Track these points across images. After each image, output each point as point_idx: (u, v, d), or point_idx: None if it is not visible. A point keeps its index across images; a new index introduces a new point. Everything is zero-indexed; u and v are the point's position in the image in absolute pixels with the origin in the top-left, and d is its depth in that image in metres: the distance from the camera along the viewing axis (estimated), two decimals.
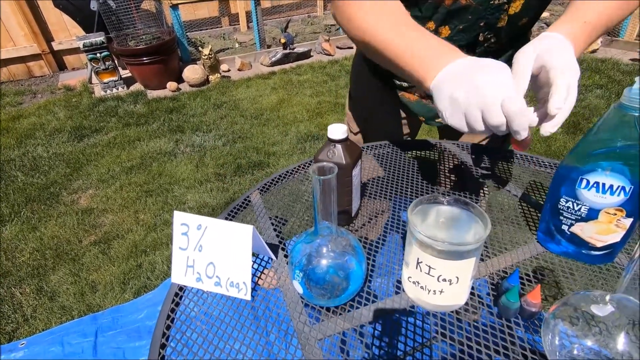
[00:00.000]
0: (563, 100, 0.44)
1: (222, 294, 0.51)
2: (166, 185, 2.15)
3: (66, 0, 3.41)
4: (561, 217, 0.50)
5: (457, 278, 0.43)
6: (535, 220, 0.60)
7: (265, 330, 0.49)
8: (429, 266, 0.43)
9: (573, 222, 0.49)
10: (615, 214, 0.46)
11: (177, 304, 0.51)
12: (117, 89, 3.46)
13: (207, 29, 4.97)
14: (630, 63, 3.28)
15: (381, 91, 0.86)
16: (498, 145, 0.85)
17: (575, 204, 0.48)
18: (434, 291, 0.44)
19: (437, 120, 0.81)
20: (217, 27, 5.07)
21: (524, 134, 0.45)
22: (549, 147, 2.27)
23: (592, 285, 0.50)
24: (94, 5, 3.32)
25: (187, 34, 3.88)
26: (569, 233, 0.51)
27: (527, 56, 0.47)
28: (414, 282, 0.46)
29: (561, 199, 0.50)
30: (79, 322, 1.32)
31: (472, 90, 0.45)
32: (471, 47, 0.70)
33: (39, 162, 2.45)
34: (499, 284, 0.50)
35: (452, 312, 0.47)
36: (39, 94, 3.63)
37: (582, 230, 0.49)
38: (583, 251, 0.51)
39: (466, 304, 0.47)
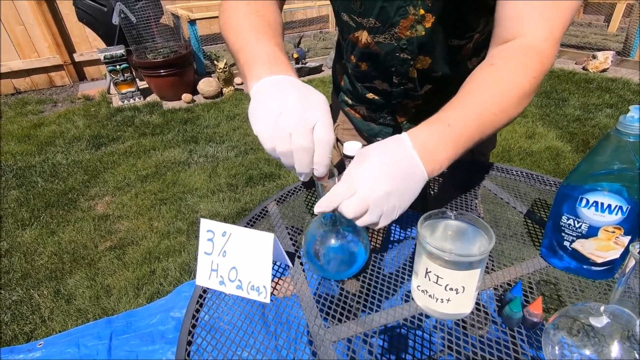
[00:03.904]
0: (324, 204, 0.43)
1: (242, 298, 0.55)
2: (180, 194, 2.21)
3: (89, 14, 3.57)
4: (563, 234, 0.54)
5: (463, 287, 0.46)
6: (539, 236, 0.63)
7: (279, 335, 0.52)
8: (437, 275, 0.46)
9: (574, 238, 0.52)
10: (614, 232, 0.49)
11: (202, 305, 0.55)
12: (134, 100, 3.58)
13: (221, 43, 5.13)
14: None
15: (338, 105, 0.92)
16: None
17: (576, 222, 0.51)
18: (442, 299, 0.48)
19: (377, 139, 0.85)
20: None
21: (301, 171, 0.44)
22: (557, 165, 2.28)
23: (592, 298, 0.53)
24: (115, 20, 3.47)
25: (203, 47, 4.01)
26: (570, 249, 0.53)
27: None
28: (422, 291, 0.49)
29: (563, 217, 0.53)
30: (94, 325, 1.37)
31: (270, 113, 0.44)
32: (389, 85, 0.75)
33: (58, 168, 2.54)
34: (502, 295, 0.53)
35: (459, 324, 0.50)
36: (60, 103, 3.77)
37: (582, 246, 0.52)
38: (584, 267, 0.54)
39: (472, 314, 0.50)
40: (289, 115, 0.43)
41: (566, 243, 0.54)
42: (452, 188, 0.78)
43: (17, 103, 3.72)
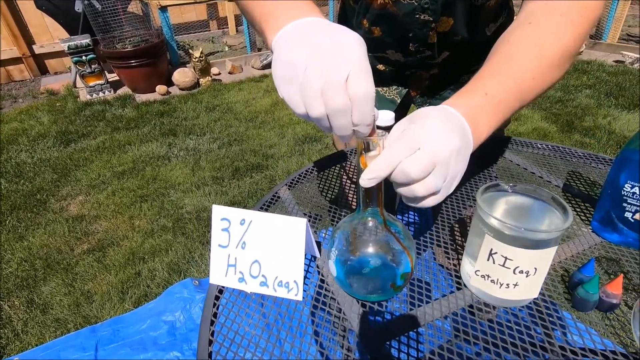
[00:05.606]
0: (382, 165, 0.36)
1: (269, 295, 0.46)
2: (161, 190, 2.07)
3: (49, 2, 3.30)
4: (625, 204, 0.48)
5: (535, 269, 0.39)
6: (583, 209, 0.58)
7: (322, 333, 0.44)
8: (505, 257, 0.39)
9: (639, 209, 0.47)
10: None
11: (218, 308, 0.46)
12: (104, 93, 3.36)
13: (195, 32, 4.90)
14: (615, 65, 3.37)
15: None
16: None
17: None
18: (507, 285, 0.41)
19: None
20: (206, 31, 5.00)
21: (342, 134, 0.35)
22: None
23: None
24: (78, 7, 3.22)
25: (176, 38, 3.80)
26: (633, 221, 0.48)
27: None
28: (482, 276, 0.43)
29: (626, 185, 0.47)
30: (77, 335, 1.24)
31: (317, 56, 0.34)
32: (404, 54, 0.69)
33: (23, 168, 2.34)
34: (564, 275, 0.47)
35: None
36: (20, 99, 3.49)
37: None
38: None
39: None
40: (315, 69, 0.33)
41: (628, 214, 0.48)
42: (471, 165, 0.72)
43: None
